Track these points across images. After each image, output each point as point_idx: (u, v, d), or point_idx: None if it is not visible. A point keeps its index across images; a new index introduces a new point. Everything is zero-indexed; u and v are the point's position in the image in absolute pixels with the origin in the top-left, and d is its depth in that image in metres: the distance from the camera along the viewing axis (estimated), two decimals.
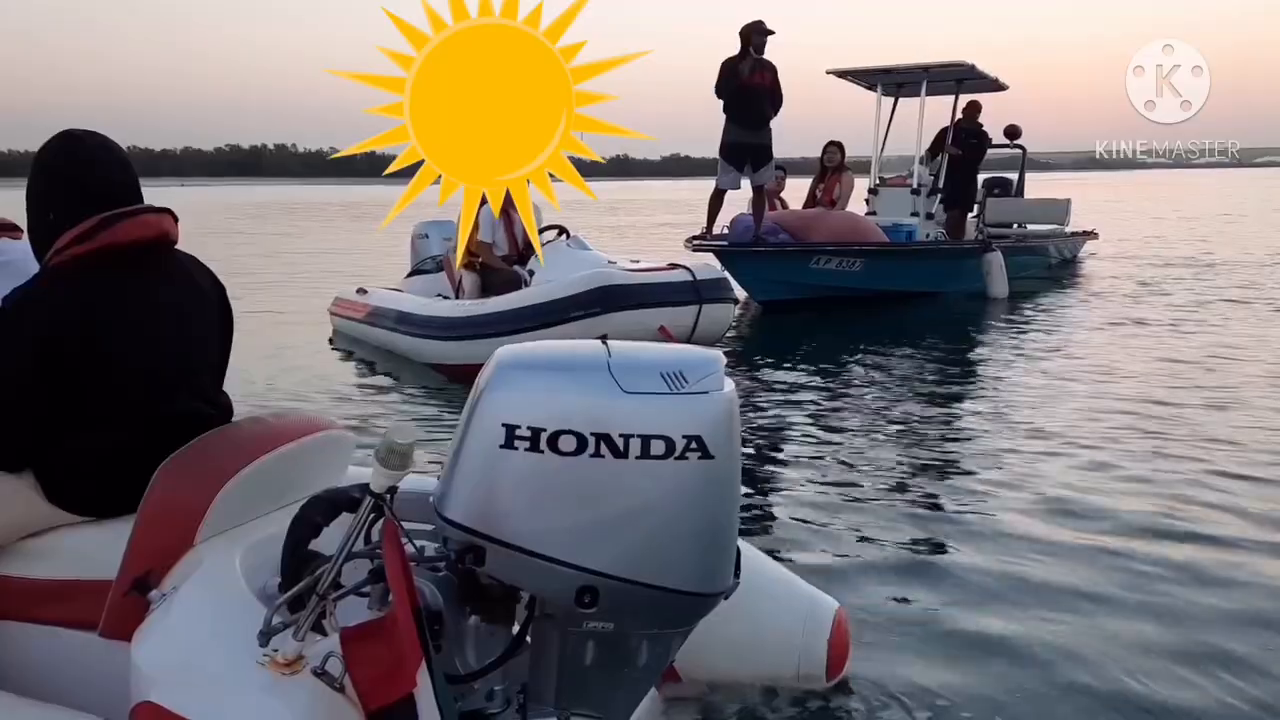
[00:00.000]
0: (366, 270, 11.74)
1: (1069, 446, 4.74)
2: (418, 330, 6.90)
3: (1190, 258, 14.80)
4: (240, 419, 2.21)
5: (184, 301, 2.16)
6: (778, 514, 3.83)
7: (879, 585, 3.03)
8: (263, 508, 2.05)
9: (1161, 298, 10.58)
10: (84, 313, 1.98)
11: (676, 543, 1.72)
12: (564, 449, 1.66)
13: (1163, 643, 2.69)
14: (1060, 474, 4.30)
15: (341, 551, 1.62)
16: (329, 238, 23.69)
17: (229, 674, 1.58)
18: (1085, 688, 2.42)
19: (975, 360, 7.62)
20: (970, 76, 11.80)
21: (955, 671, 2.45)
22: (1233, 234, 18.88)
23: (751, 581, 1.99)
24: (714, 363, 1.78)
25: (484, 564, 1.73)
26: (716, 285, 6.76)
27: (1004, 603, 2.89)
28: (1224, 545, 3.42)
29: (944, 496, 4.02)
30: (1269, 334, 8.11)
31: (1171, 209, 25.08)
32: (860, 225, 10.58)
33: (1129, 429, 5.08)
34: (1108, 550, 3.38)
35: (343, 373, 7.08)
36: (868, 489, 4.15)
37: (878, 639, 2.60)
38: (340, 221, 32.59)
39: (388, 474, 1.61)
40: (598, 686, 1.84)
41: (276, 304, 10.72)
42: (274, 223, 32.14)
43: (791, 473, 4.40)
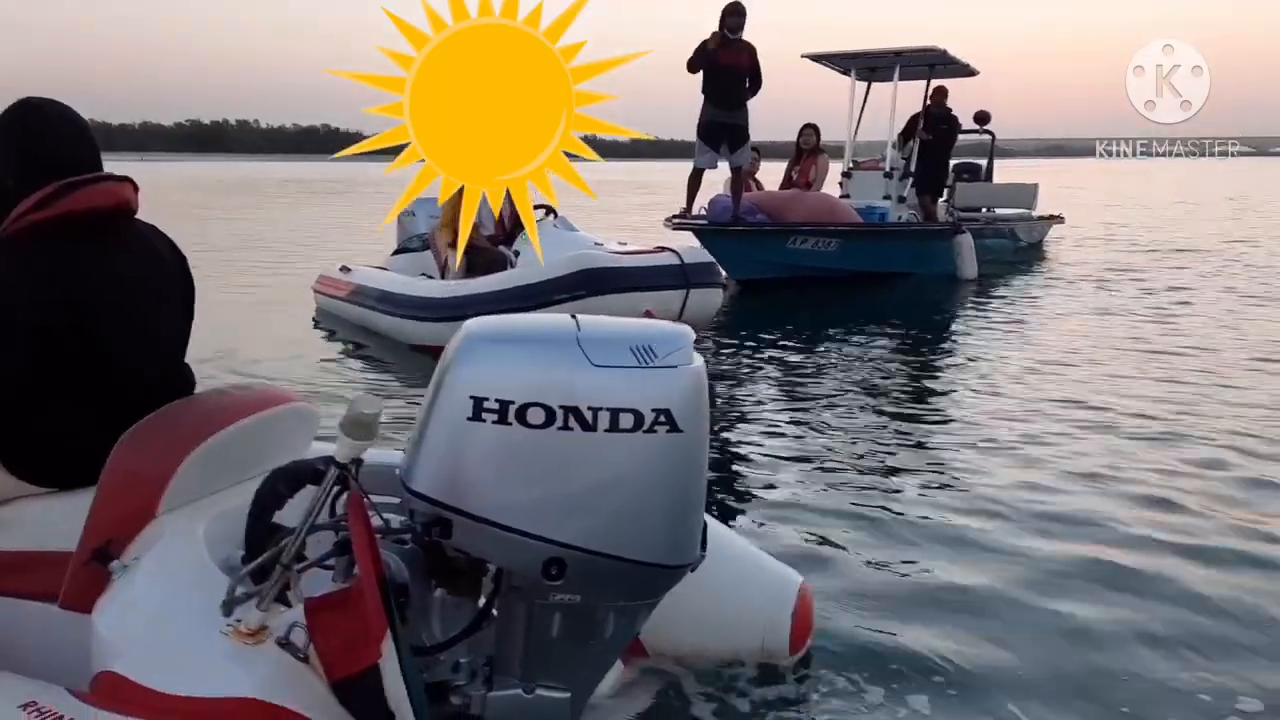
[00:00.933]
0: (352, 248, 11.61)
1: (1038, 425, 4.82)
2: (400, 310, 6.78)
3: (1151, 242, 15.08)
4: (203, 391, 2.19)
5: (145, 271, 2.13)
6: (745, 490, 3.85)
7: (844, 561, 3.06)
8: (226, 480, 2.03)
9: (1124, 280, 10.77)
10: (42, 281, 1.94)
11: (644, 515, 1.72)
12: (532, 422, 1.66)
13: (1129, 612, 2.74)
14: (1028, 451, 4.35)
15: (306, 521, 1.61)
16: (310, 214, 23.46)
17: (192, 643, 1.57)
18: (1049, 661, 2.46)
19: (946, 340, 7.71)
20: (942, 61, 11.94)
21: (918, 646, 2.47)
22: (1190, 221, 19.23)
23: (717, 556, 2.01)
24: (683, 337, 1.78)
25: (450, 536, 1.73)
26: (705, 269, 6.59)
27: (968, 579, 2.92)
28: (1189, 518, 3.49)
29: (912, 475, 4.06)
30: (1225, 317, 8.26)
31: (1131, 195, 25.61)
32: (836, 207, 10.76)
33: (1096, 407, 5.17)
34: (1073, 525, 3.43)
35: (320, 351, 6.98)
36: (836, 467, 4.18)
37: (842, 614, 2.62)
38: (315, 198, 32.27)
39: (352, 444, 1.60)
40: (564, 659, 1.84)
41: (260, 281, 10.58)
42: (244, 198, 31.77)
43: (760, 449, 4.42)
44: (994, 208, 14.51)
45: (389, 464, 1.86)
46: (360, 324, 7.36)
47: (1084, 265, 12.35)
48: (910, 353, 7.09)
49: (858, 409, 5.30)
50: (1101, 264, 12.41)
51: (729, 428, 4.84)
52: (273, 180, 50.06)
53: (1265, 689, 2.33)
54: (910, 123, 11.95)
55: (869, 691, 2.27)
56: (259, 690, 1.46)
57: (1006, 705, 2.24)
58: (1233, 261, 12.55)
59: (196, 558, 1.77)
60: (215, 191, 35.72)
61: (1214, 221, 18.89)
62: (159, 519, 1.87)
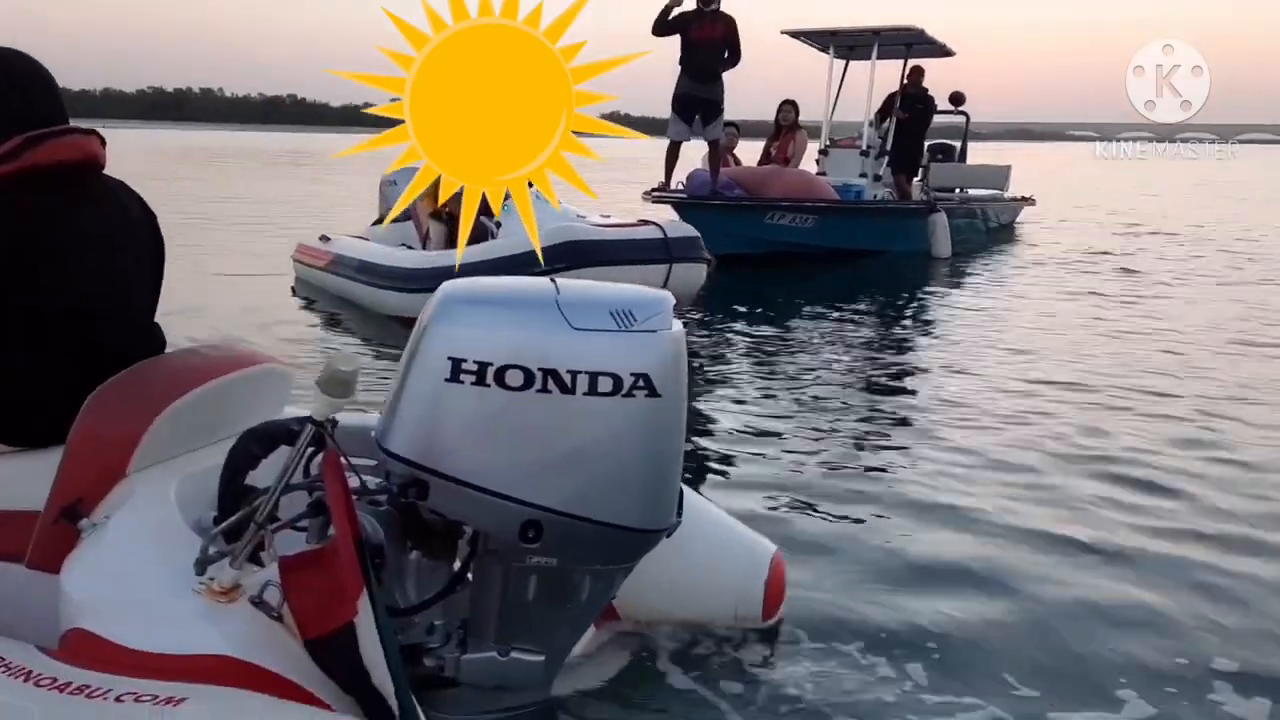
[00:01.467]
0: (334, 218, 11.48)
1: (1011, 400, 4.87)
2: (378, 280, 6.68)
3: (1120, 224, 15.26)
4: (174, 350, 2.16)
5: (113, 228, 2.08)
6: (721, 459, 3.86)
7: (817, 532, 3.08)
8: (198, 441, 2.01)
9: (1093, 261, 10.91)
10: (6, 236, 1.90)
11: (621, 479, 1.73)
12: (511, 384, 1.65)
13: (1099, 583, 2.78)
14: (1001, 425, 4.41)
15: (282, 479, 1.60)
16: (286, 184, 23.16)
17: (163, 601, 1.56)
18: (1018, 630, 2.49)
19: (921, 317, 7.77)
20: (919, 41, 11.97)
21: (887, 615, 2.50)
22: (1155, 206, 19.52)
23: (693, 524, 2.02)
24: (662, 302, 1.78)
25: (427, 498, 1.72)
26: (689, 244, 6.36)
27: (939, 551, 2.94)
28: (1159, 495, 3.55)
29: (886, 447, 4.09)
30: (1195, 296, 8.40)
31: (1098, 180, 25.94)
32: (814, 183, 10.82)
33: (1066, 383, 5.23)
34: (1043, 497, 3.48)
35: (296, 319, 6.90)
36: (811, 439, 4.20)
37: (814, 583, 2.64)
38: (285, 169, 31.87)
39: (329, 402, 1.58)
40: (539, 622, 1.85)
41: (240, 249, 10.42)
42: (214, 168, 31.32)
43: (737, 421, 4.44)
44: (967, 188, 14.57)
45: (364, 426, 1.85)
46: (339, 294, 7.27)
47: (1054, 246, 12.48)
48: (885, 329, 7.14)
49: (834, 383, 5.34)
50: (1071, 245, 12.55)
51: (707, 398, 4.85)
52: (243, 150, 49.35)
53: (1230, 657, 2.37)
54: (887, 102, 11.98)
55: (839, 658, 2.29)
56: (232, 647, 1.45)
57: (975, 673, 2.26)
58: (1203, 243, 12.74)
59: (168, 517, 1.75)
60: (189, 161, 35.18)
61: (1184, 206, 19.17)
62: (129, 478, 1.84)
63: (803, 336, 6.73)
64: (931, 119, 12.41)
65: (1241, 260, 11.08)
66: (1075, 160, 35.07)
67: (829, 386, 5.25)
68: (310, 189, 21.44)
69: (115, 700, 1.38)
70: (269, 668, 1.44)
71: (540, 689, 1.92)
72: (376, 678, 1.43)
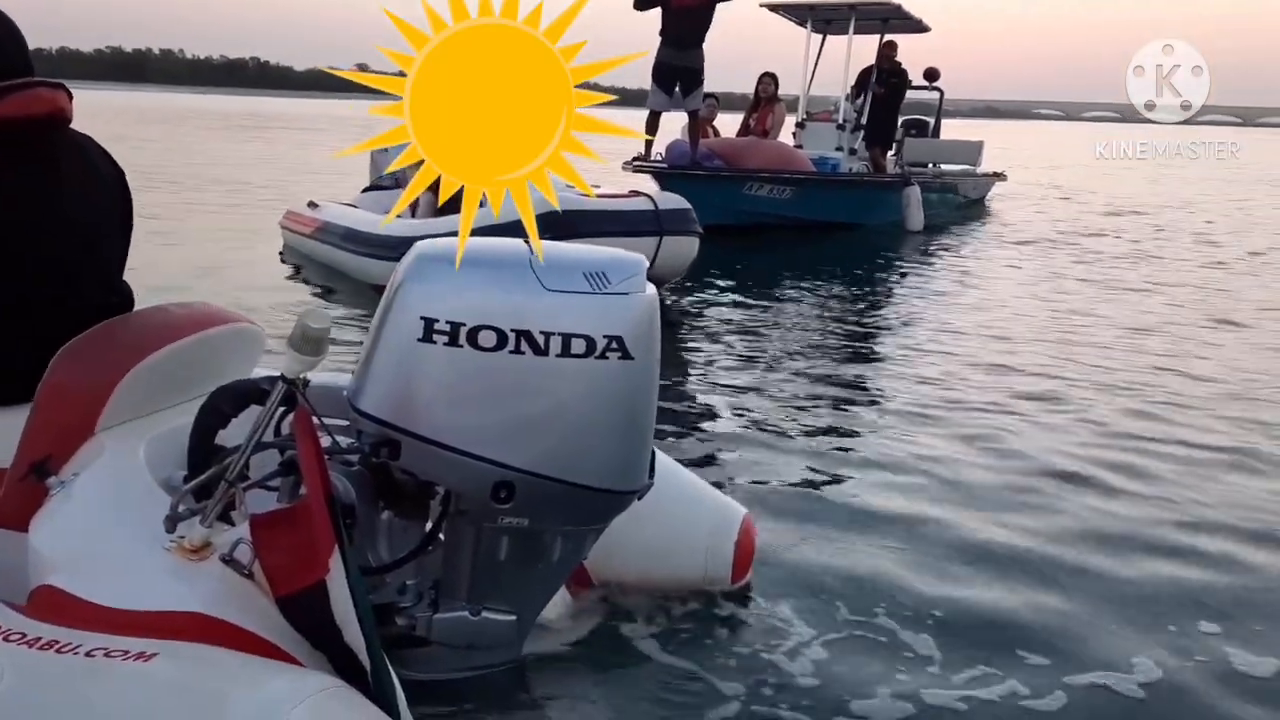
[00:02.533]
0: (325, 184, 11.33)
1: (980, 372, 4.95)
2: (363, 248, 6.50)
3: (1089, 201, 15.55)
4: (144, 308, 2.13)
5: (81, 183, 2.05)
6: (693, 423, 3.89)
7: (787, 497, 3.11)
8: (167, 399, 1.99)
9: (1062, 236, 11.07)
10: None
11: (594, 441, 1.74)
12: (484, 344, 1.65)
13: (1061, 545, 2.84)
14: (968, 394, 4.47)
15: (252, 436, 1.59)
16: (272, 148, 22.82)
17: (133, 558, 1.55)
18: (985, 592, 2.53)
19: (894, 288, 7.86)
20: (896, 16, 12.04)
21: (855, 578, 2.53)
22: (1120, 180, 19.88)
23: (664, 486, 2.03)
24: (636, 265, 1.79)
25: (399, 458, 1.72)
26: (680, 216, 6.16)
27: (907, 519, 2.98)
28: (1129, 473, 3.59)
29: (858, 416, 4.14)
30: (1160, 274, 8.53)
31: (1064, 156, 26.32)
32: (792, 155, 10.92)
33: (1034, 355, 5.34)
34: (1009, 462, 3.54)
35: (278, 285, 6.81)
36: (785, 405, 4.24)
37: (783, 547, 2.67)
38: (255, 133, 31.43)
39: (301, 359, 1.57)
40: (510, 582, 1.86)
41: (226, 212, 10.28)
42: (186, 129, 30.82)
43: (710, 386, 4.48)
44: (940, 163, 14.67)
45: (337, 386, 1.84)
46: (326, 262, 7.13)
47: (1023, 221, 12.68)
48: (858, 300, 7.20)
49: (808, 352, 5.39)
50: (1040, 220, 12.75)
51: (681, 364, 4.87)
52: (217, 114, 48.58)
53: (1189, 637, 2.42)
54: (862, 75, 12.01)
55: (806, 619, 2.32)
56: (203, 604, 1.45)
57: (940, 636, 2.30)
58: (1170, 222, 12.95)
59: (137, 475, 1.74)
60: (163, 123, 34.60)
61: (1147, 183, 19.45)
62: (98, 436, 1.83)
63: (777, 305, 6.78)
64: (905, 94, 12.47)
65: (1202, 241, 11.25)
66: (1049, 139, 35.45)
67: (802, 356, 5.30)
68: (279, 151, 21.16)
69: (85, 655, 1.38)
70: (240, 624, 1.44)
71: (511, 649, 1.94)
72: (348, 635, 1.43)
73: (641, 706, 1.99)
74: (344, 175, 11.61)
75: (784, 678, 2.09)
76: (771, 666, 2.13)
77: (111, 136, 2.68)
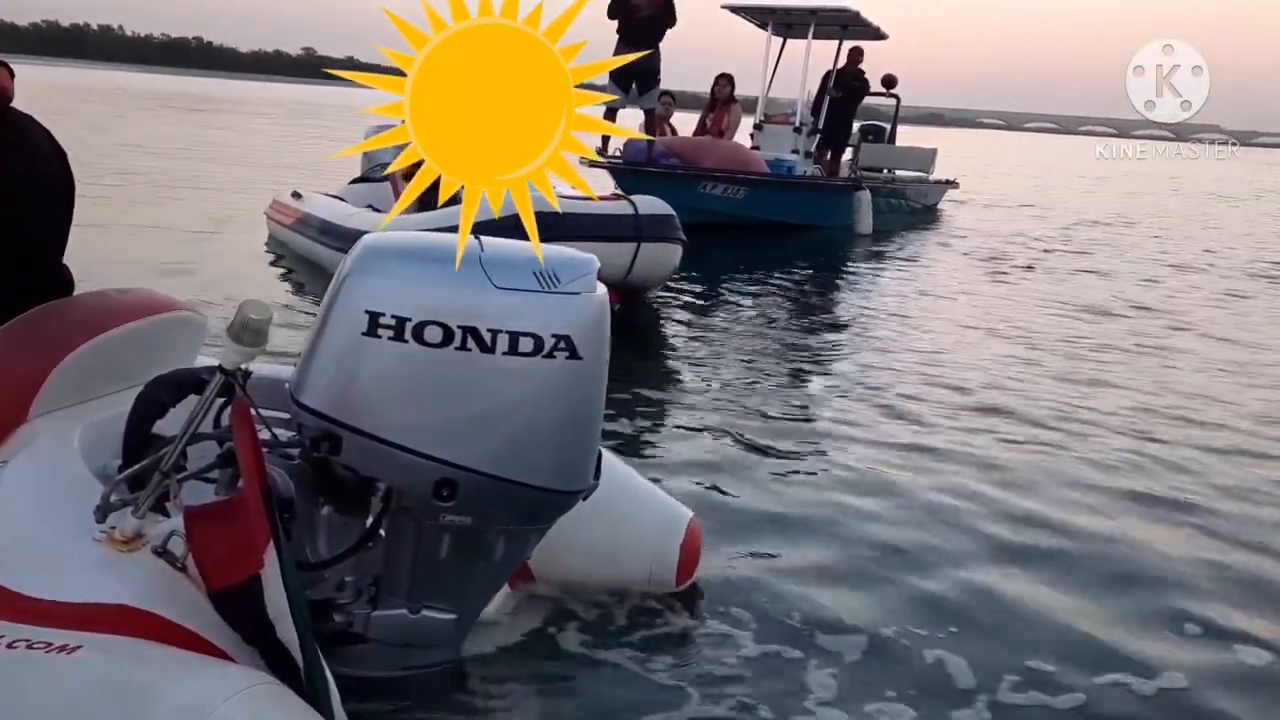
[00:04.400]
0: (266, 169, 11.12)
1: (923, 373, 5.02)
2: (337, 242, 6.17)
3: (1038, 208, 16.09)
4: (84, 293, 2.08)
5: (22, 164, 2.00)
6: (643, 424, 3.88)
7: (734, 501, 3.12)
8: (105, 387, 1.95)
9: (1012, 244, 11.29)
10: None
11: (539, 440, 1.73)
12: (429, 340, 1.64)
13: (1010, 554, 2.88)
14: (913, 398, 4.52)
15: (188, 428, 1.56)
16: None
17: (62, 548, 1.51)
18: (931, 599, 2.55)
19: (841, 290, 7.99)
20: (855, 23, 12.20)
21: (799, 584, 2.54)
22: (1063, 190, 20.78)
23: (610, 487, 2.03)
24: (588, 264, 1.78)
25: (340, 453, 1.70)
26: (661, 222, 5.76)
27: (852, 520, 3.00)
28: (1075, 458, 3.76)
29: (805, 418, 4.16)
30: (1094, 282, 8.77)
31: (1007, 163, 27.08)
32: (747, 156, 11.02)
33: (979, 352, 5.49)
34: (956, 466, 3.59)
35: (247, 276, 6.67)
36: (733, 407, 4.25)
37: (729, 551, 2.67)
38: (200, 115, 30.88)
39: (240, 350, 1.55)
40: (452, 580, 1.85)
41: (214, 198, 10.04)
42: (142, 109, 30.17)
43: (661, 388, 4.47)
44: (895, 169, 14.86)
45: (279, 378, 1.81)
46: (304, 254, 6.93)
47: (974, 228, 12.90)
48: (807, 302, 7.28)
49: (756, 354, 5.41)
50: (990, 228, 12.99)
51: (630, 365, 4.86)
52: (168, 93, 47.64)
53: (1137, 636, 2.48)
54: (824, 80, 12.14)
55: (750, 622, 2.33)
56: (133, 597, 1.42)
57: (882, 639, 2.33)
58: (1120, 231, 13.36)
59: (70, 463, 1.70)
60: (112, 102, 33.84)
61: (1088, 193, 20.04)
62: (32, 422, 1.79)
63: (728, 306, 6.80)
64: (863, 98, 12.62)
65: (1155, 248, 11.62)
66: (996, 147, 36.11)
67: (750, 357, 5.33)
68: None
69: (6, 647, 1.34)
70: (170, 618, 1.41)
71: (451, 648, 1.93)
72: (281, 631, 1.41)
73: (580, 708, 1.98)
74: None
75: (726, 680, 2.10)
76: (714, 669, 2.13)
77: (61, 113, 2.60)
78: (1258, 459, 3.96)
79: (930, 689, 2.15)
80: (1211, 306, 7.79)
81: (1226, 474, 3.73)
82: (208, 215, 9.05)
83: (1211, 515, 3.30)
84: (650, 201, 5.91)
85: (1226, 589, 2.77)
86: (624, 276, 5.42)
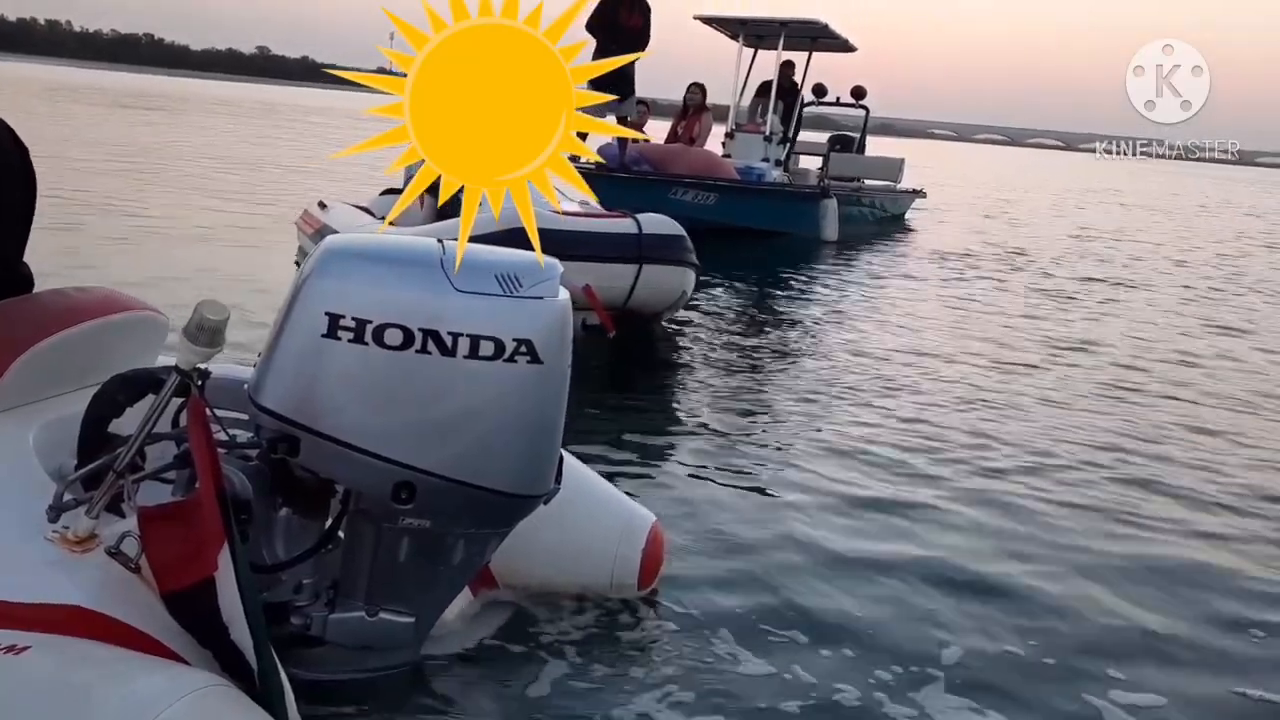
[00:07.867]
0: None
1: (886, 377, 5.09)
2: None
3: (1004, 217, 16.56)
4: (42, 290, 2.06)
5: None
6: (605, 428, 3.87)
7: (697, 505, 3.11)
8: (61, 386, 1.93)
9: (976, 252, 11.55)
10: None
11: (499, 444, 1.73)
12: (389, 343, 1.64)
13: (974, 557, 2.92)
14: (879, 402, 4.57)
15: (143, 428, 1.55)
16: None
17: (12, 547, 1.50)
18: (895, 603, 2.57)
19: (806, 295, 8.11)
20: (824, 35, 12.56)
21: (762, 588, 2.55)
22: (1029, 199, 21.52)
23: (572, 491, 2.03)
24: (551, 270, 1.78)
25: (298, 454, 1.69)
26: (667, 243, 5.23)
27: (814, 524, 3.02)
28: (1036, 452, 3.89)
29: (768, 422, 4.19)
30: (1058, 286, 9.02)
31: (962, 173, 27.86)
32: (717, 163, 11.34)
33: (945, 360, 5.57)
34: (921, 472, 3.63)
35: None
36: (696, 412, 4.27)
37: (691, 555, 2.67)
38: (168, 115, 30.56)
39: (196, 351, 1.54)
40: (410, 584, 1.84)
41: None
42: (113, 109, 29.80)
43: (623, 389, 4.49)
44: (863, 178, 15.06)
45: (238, 379, 1.80)
46: None
47: (940, 237, 13.17)
48: (772, 307, 7.37)
49: (720, 357, 5.44)
50: (956, 237, 13.27)
51: (591, 366, 4.86)
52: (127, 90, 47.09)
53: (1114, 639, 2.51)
54: (762, 86, 12.63)
55: (712, 626, 2.33)
56: (84, 597, 1.41)
57: (846, 641, 2.34)
58: (1081, 241, 13.68)
59: (24, 461, 1.68)
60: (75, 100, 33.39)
61: (1050, 203, 20.67)
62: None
63: (693, 310, 6.82)
64: (798, 110, 12.87)
65: (1108, 258, 11.92)
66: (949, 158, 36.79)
67: (714, 360, 5.37)
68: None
69: None
70: (122, 619, 1.40)
71: (409, 651, 1.92)
72: (235, 633, 1.41)
73: (540, 712, 1.98)
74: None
75: (687, 685, 2.10)
76: (676, 672, 2.13)
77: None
78: (1244, 447, 4.22)
79: (894, 690, 2.16)
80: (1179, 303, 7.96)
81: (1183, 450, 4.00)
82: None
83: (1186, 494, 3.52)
84: (657, 219, 5.39)
85: (1225, 587, 2.85)
86: (624, 301, 5.06)
